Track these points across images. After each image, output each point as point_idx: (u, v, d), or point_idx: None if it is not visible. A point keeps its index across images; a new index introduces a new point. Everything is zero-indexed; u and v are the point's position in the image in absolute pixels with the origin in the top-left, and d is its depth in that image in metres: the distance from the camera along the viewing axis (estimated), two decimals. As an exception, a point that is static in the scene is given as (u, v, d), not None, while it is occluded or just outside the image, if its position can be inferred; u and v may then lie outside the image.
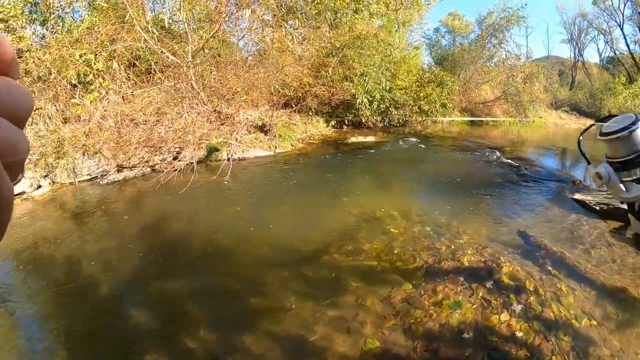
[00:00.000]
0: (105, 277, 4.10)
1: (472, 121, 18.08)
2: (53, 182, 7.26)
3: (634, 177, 1.33)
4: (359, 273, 3.91)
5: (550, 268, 3.91)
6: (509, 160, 9.24)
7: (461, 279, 3.68)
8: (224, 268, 4.30)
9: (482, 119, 18.34)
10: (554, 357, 2.75)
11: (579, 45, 28.88)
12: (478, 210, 5.84)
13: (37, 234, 5.35)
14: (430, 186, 7.30)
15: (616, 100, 21.50)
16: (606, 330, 3.06)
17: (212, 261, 4.46)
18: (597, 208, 5.62)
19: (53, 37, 8.76)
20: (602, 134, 1.39)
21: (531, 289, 3.52)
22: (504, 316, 3.14)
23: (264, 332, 3.10)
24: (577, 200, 6.12)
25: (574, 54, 30.84)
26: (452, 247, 4.37)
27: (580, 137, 1.82)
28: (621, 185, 1.36)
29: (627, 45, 25.38)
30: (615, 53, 29.10)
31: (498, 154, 10.06)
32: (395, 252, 4.31)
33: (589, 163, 1.13)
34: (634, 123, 1.21)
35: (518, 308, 3.24)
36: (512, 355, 2.76)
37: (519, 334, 2.95)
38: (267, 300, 3.53)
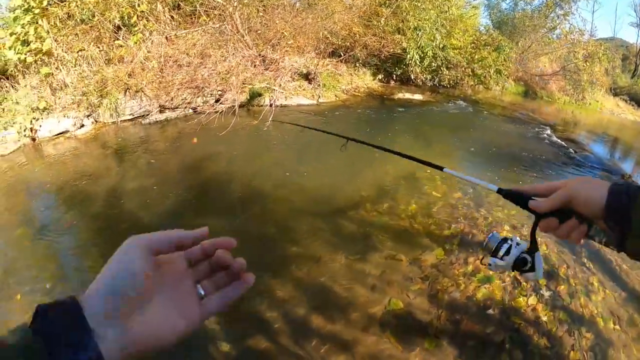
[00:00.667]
0: (143, 213, 4.18)
1: (525, 93, 17.02)
2: (96, 121, 7.28)
3: None
4: (392, 232, 3.84)
5: (585, 259, 3.72)
6: (559, 140, 8.66)
7: None
8: (258, 212, 4.29)
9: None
10: (572, 352, 2.65)
11: None
12: (522, 184, 5.44)
13: (78, 171, 5.44)
14: (475, 154, 6.95)
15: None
16: (629, 336, 2.91)
17: (248, 204, 4.44)
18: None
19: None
20: None
21: (563, 276, 3.38)
22: (532, 300, 3.03)
23: (291, 278, 3.10)
24: None
25: None
26: (490, 219, 4.21)
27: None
28: None
29: None
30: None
31: (549, 131, 9.42)
32: (431, 216, 4.19)
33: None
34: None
35: (547, 294, 3.11)
36: (533, 341, 2.69)
37: (543, 321, 2.85)
38: (298, 248, 3.50)
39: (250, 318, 2.72)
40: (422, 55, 12.17)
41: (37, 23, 7.23)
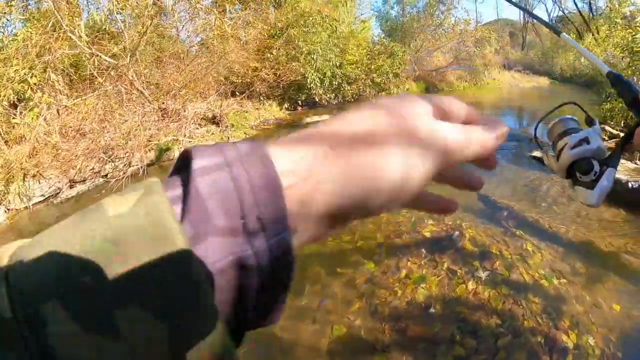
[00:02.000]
0: None
1: (427, 89, 18.26)
2: (8, 209, 7.02)
3: None
4: (322, 257, 3.79)
5: (514, 229, 3.93)
6: None
7: (424, 251, 3.63)
8: None
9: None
10: (525, 321, 2.74)
11: (527, 6, 29.03)
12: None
13: None
14: None
15: (567, 57, 22.03)
16: (577, 286, 3.07)
17: None
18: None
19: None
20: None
21: (496, 252, 3.48)
22: (471, 285, 3.09)
23: None
24: (535, 158, 6.19)
25: (524, 15, 31.23)
26: (413, 218, 4.24)
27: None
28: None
29: (575, 4, 25.82)
30: (563, 12, 29.58)
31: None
32: (355, 231, 4.19)
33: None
34: None
35: (484, 275, 3.20)
36: (483, 324, 2.75)
37: (488, 302, 2.92)
38: None
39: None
40: (321, 77, 12.84)
41: None
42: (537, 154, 6.26)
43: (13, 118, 7.77)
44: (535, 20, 1.61)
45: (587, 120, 0.79)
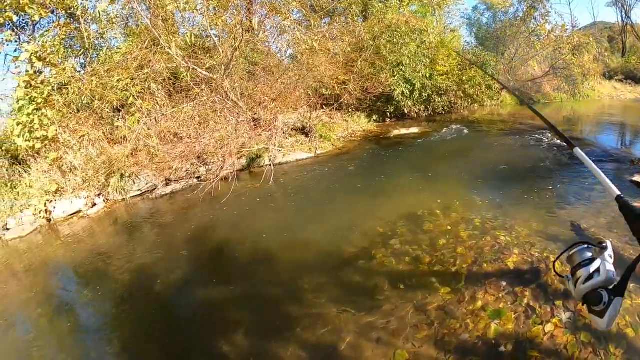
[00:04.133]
0: (154, 286, 4.33)
1: (522, 101, 17.14)
2: (107, 199, 7.66)
3: None
4: (396, 278, 3.77)
5: None
6: (562, 142, 8.51)
7: (504, 283, 3.39)
8: (265, 274, 4.36)
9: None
10: None
11: (625, 7, 26.42)
12: (527, 201, 5.42)
13: (93, 249, 5.70)
14: (476, 178, 6.86)
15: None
16: None
17: (254, 268, 4.52)
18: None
19: (92, 68, 9.15)
20: None
21: None
22: (549, 327, 2.84)
23: (296, 339, 3.12)
24: (637, 183, 5.54)
25: (621, 17, 28.22)
26: (497, 246, 4.05)
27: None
28: None
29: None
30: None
31: (549, 135, 9.34)
32: (436, 254, 4.10)
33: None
34: None
35: (565, 316, 2.91)
36: None
37: (564, 348, 2.66)
38: (302, 307, 3.54)
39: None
40: (410, 88, 12.47)
41: (40, 112, 7.83)
42: (637, 178, 5.60)
43: (116, 121, 8.32)
44: (633, 22, 1.22)
45: (598, 242, 0.80)
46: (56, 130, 7.88)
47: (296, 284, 3.94)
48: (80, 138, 8.10)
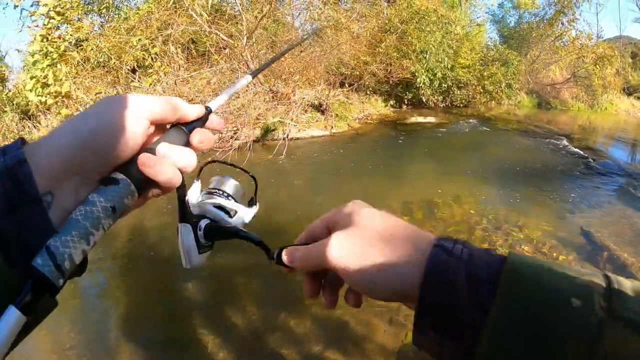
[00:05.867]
0: (162, 250, 4.21)
1: (539, 104, 16.93)
2: None
3: None
4: None
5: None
6: (577, 150, 8.58)
7: None
8: (276, 246, 4.17)
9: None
10: None
11: None
12: (539, 202, 5.50)
13: None
14: (491, 174, 6.86)
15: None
16: None
17: (265, 240, 4.34)
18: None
19: (110, 26, 8.96)
20: None
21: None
22: None
23: (307, 314, 3.08)
24: None
25: None
26: (509, 241, 4.17)
27: None
28: None
29: None
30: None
31: (565, 142, 9.35)
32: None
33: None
34: None
35: None
36: None
37: None
38: None
39: (265, 354, 2.73)
40: (431, 77, 12.27)
41: (55, 67, 7.61)
42: None
43: (132, 81, 8.15)
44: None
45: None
46: (70, 86, 7.70)
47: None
48: (95, 96, 7.93)
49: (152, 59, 8.44)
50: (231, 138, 7.83)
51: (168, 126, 0.45)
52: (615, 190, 6.21)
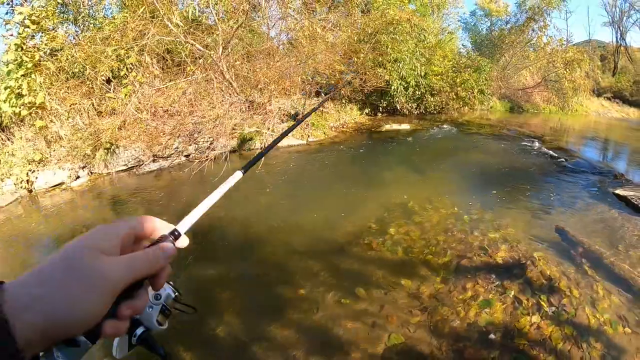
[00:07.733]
0: None
1: (511, 108, 17.38)
2: (91, 172, 7.49)
3: None
4: (389, 265, 3.88)
5: (586, 268, 3.75)
6: (549, 151, 8.82)
7: (493, 276, 3.58)
8: (256, 255, 4.32)
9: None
10: None
11: (620, 28, 26.76)
12: (514, 203, 5.63)
13: (74, 222, 5.59)
14: (465, 177, 7.02)
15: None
16: None
17: (244, 249, 4.49)
18: (641, 205, 5.25)
19: (85, 35, 8.91)
20: None
21: (565, 289, 3.35)
22: (535, 318, 3.02)
23: (289, 322, 3.12)
24: (618, 196, 5.76)
25: (616, 37, 28.55)
26: (486, 241, 4.25)
27: None
28: None
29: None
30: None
31: (537, 143, 9.61)
32: (427, 245, 4.23)
33: None
34: None
35: (550, 310, 3.10)
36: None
37: (549, 338, 2.84)
38: (296, 290, 3.51)
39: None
40: (405, 85, 12.50)
41: (30, 77, 7.55)
42: (620, 191, 5.81)
43: (107, 92, 8.12)
44: (627, 44, 1.18)
45: None
46: (44, 97, 7.63)
47: (288, 267, 3.93)
48: (70, 107, 7.88)
49: (127, 69, 8.41)
50: (207, 149, 7.87)
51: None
52: (587, 187, 6.37)
